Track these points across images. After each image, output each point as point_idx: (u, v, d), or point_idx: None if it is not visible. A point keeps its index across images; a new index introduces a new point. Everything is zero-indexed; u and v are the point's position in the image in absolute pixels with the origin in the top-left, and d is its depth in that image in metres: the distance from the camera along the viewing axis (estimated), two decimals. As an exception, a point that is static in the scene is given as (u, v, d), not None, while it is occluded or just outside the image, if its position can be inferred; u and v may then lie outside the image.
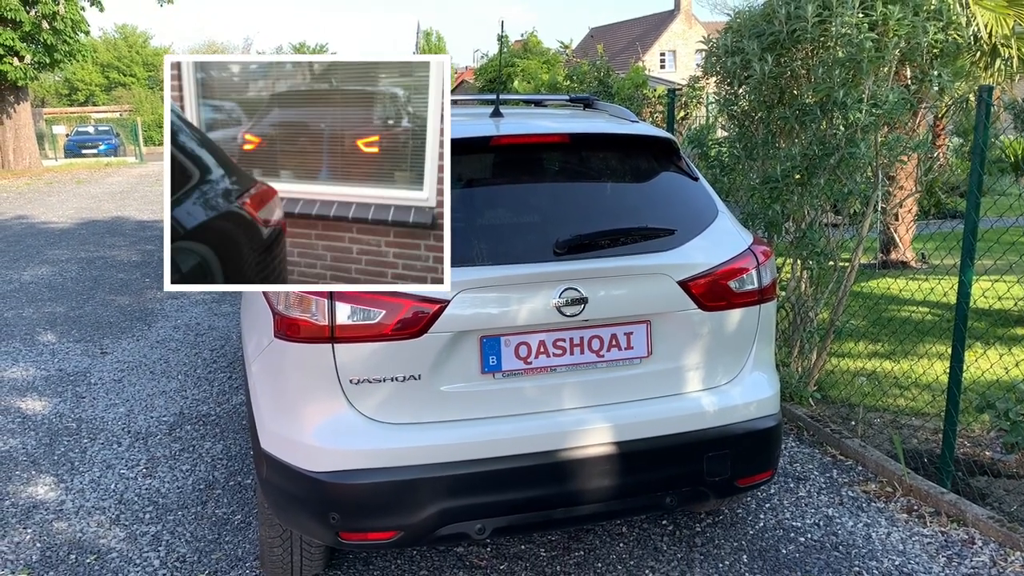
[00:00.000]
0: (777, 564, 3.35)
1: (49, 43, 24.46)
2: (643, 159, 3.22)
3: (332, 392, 2.63)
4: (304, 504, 2.70)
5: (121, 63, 58.10)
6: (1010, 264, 5.62)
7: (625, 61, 31.21)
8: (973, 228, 3.69)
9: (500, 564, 3.38)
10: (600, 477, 2.78)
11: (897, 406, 5.01)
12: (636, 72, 8.58)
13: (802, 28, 4.56)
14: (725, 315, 2.95)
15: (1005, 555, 3.34)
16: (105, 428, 4.92)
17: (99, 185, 21.51)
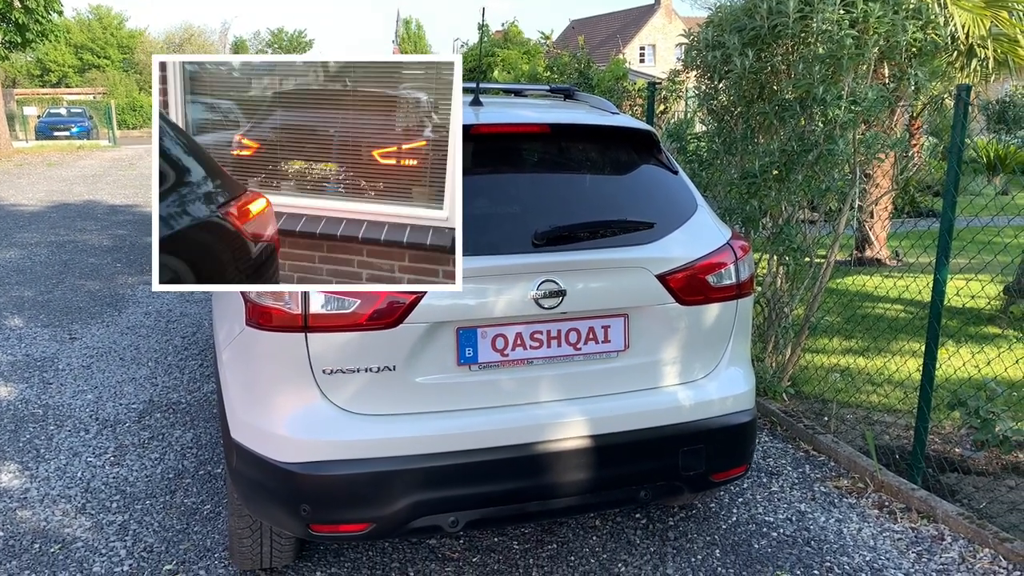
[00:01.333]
0: (749, 559, 3.36)
1: (21, 22, 23.96)
2: (623, 151, 3.19)
3: (304, 382, 2.59)
4: (274, 495, 2.66)
5: (95, 45, 57.11)
6: (984, 263, 5.67)
7: (605, 54, 31.18)
8: (949, 227, 3.71)
9: (473, 557, 3.36)
10: (575, 471, 2.76)
11: (870, 402, 5.04)
12: (617, 65, 8.56)
13: (783, 24, 4.56)
14: (703, 309, 2.94)
15: (974, 551, 3.37)
16: (72, 415, 4.83)
17: (71, 168, 21.17)
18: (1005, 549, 3.29)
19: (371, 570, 3.27)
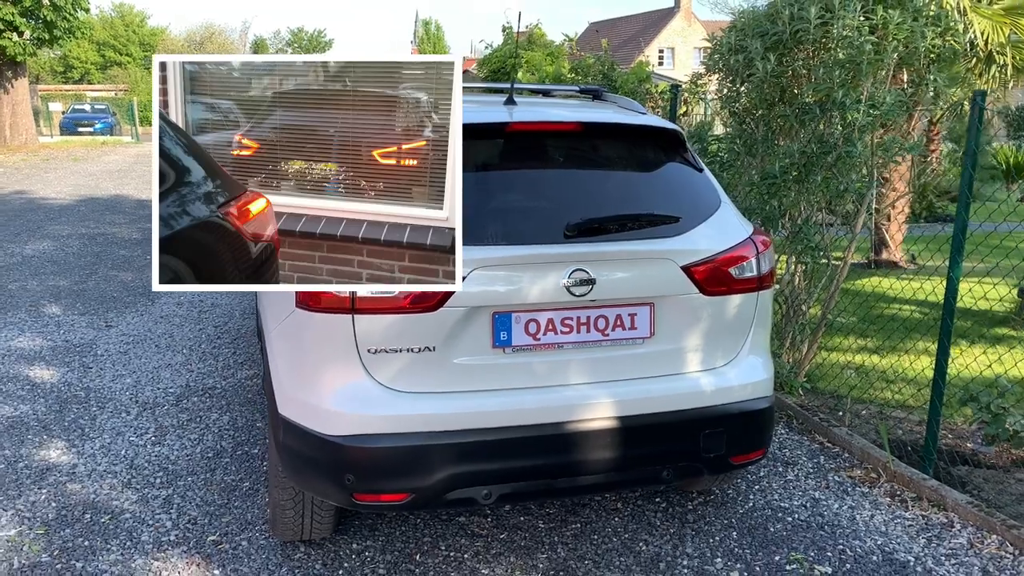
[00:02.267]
0: (765, 541, 3.51)
1: (49, 19, 24.35)
2: (651, 149, 3.36)
3: (351, 361, 2.77)
4: (321, 466, 2.84)
5: (117, 42, 57.82)
6: (995, 264, 5.78)
7: (625, 56, 31.30)
8: (963, 227, 3.85)
9: (500, 534, 3.53)
10: (602, 449, 2.93)
11: (883, 398, 5.17)
12: (640, 67, 8.72)
13: (804, 29, 4.70)
14: (725, 300, 3.09)
15: (982, 537, 3.51)
16: (113, 398, 5.04)
17: (96, 163, 21.50)
18: (1012, 535, 3.43)
19: (404, 544, 3.44)
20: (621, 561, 3.35)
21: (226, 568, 3.27)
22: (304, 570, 3.25)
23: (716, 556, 3.40)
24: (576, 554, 3.39)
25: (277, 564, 3.29)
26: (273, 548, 3.40)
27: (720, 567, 3.32)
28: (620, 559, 3.36)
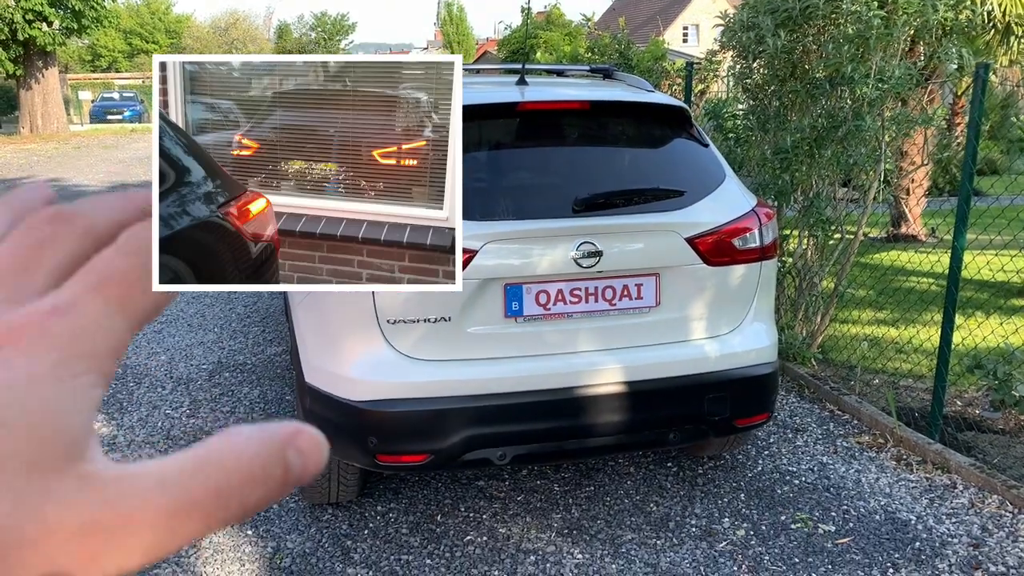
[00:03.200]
0: (772, 502, 3.65)
1: (77, 9, 24.74)
2: (657, 126, 3.48)
3: (371, 331, 2.94)
4: (345, 430, 3.02)
5: (144, 30, 58.38)
6: (1013, 236, 5.83)
7: (648, 34, 31.15)
8: (967, 197, 3.94)
9: (517, 496, 3.70)
10: (610, 413, 3.08)
11: (895, 368, 5.27)
12: (656, 45, 8.78)
13: (814, 5, 4.77)
14: (729, 270, 3.22)
15: (983, 498, 3.63)
16: (149, 374, 5.27)
17: (126, 150, 21.90)
18: (1012, 495, 3.54)
19: (426, 506, 3.63)
20: (632, 521, 3.51)
21: (259, 529, 3.47)
22: (332, 530, 3.45)
23: (724, 516, 3.55)
24: (589, 515, 3.56)
25: (306, 525, 3.49)
26: (303, 511, 3.60)
27: (727, 526, 3.47)
28: (631, 519, 3.52)
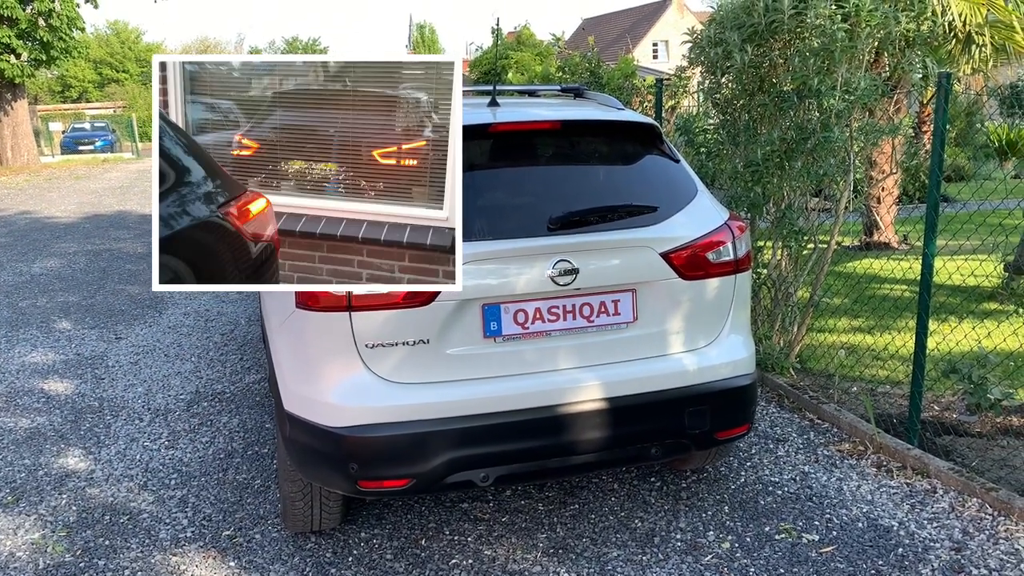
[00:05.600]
0: (756, 513, 3.66)
1: (45, 40, 24.62)
2: (629, 143, 3.51)
3: (350, 355, 2.92)
4: (326, 457, 3.00)
5: (114, 59, 58.14)
6: (982, 242, 5.92)
7: (618, 52, 31.44)
8: (935, 204, 3.99)
9: (502, 517, 3.69)
10: (591, 430, 3.08)
11: (873, 376, 5.32)
12: (625, 63, 8.87)
13: (779, 20, 4.85)
14: (704, 284, 3.25)
15: (963, 501, 3.66)
16: (126, 406, 5.21)
17: (98, 181, 21.73)
18: (991, 498, 3.58)
19: (410, 531, 3.60)
20: (617, 538, 3.50)
21: (241, 560, 3.43)
22: (315, 559, 3.42)
23: (708, 530, 3.55)
24: (574, 533, 3.55)
25: (289, 554, 3.46)
26: (285, 540, 3.56)
27: (712, 539, 3.48)
28: (616, 536, 3.52)
